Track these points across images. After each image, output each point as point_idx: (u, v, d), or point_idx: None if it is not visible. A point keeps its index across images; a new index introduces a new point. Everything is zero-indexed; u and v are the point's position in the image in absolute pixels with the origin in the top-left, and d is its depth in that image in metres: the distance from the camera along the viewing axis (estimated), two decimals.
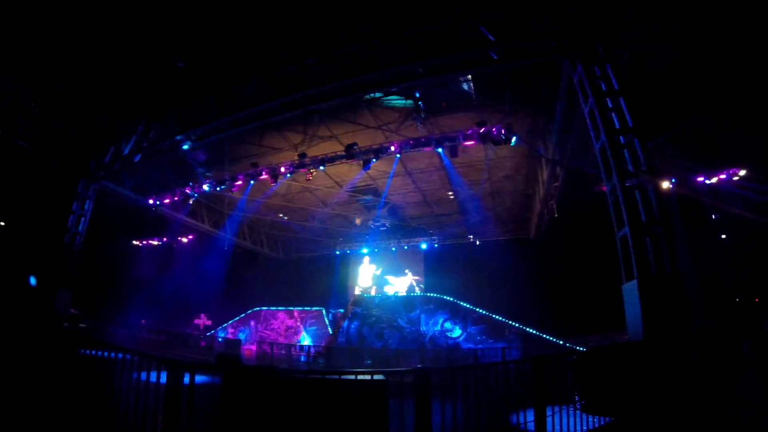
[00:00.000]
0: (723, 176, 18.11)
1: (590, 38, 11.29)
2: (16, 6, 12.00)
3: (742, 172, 17.71)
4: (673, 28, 11.28)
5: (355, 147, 17.96)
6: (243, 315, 29.89)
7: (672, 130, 15.54)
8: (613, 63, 11.09)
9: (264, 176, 20.09)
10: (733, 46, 11.38)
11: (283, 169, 19.57)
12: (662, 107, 14.15)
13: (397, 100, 16.68)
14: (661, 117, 14.58)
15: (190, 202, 23.57)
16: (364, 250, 30.70)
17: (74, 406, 5.48)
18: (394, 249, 29.46)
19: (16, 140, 16.58)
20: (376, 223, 28.00)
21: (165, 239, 29.19)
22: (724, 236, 19.93)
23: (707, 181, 18.49)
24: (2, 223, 20.46)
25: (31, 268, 17.42)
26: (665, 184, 18.34)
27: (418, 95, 15.98)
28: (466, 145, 16.87)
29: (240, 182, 20.73)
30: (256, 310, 29.96)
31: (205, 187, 21.89)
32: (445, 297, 25.46)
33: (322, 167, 19.17)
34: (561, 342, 20.34)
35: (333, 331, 27.49)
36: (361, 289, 30.77)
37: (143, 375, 5.64)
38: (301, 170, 19.55)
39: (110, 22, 12.60)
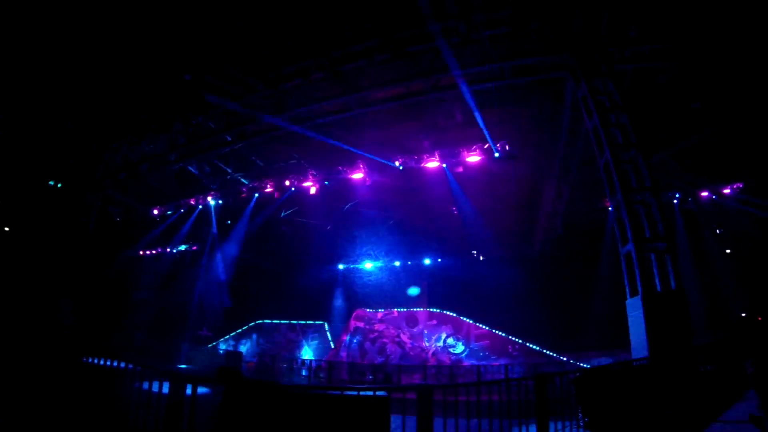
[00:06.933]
0: (726, 191, 18.09)
1: (593, 55, 11.40)
2: (27, 18, 12.24)
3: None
4: (675, 45, 11.40)
5: (360, 162, 18.07)
6: (245, 327, 29.73)
7: (675, 145, 15.57)
8: (616, 79, 11.18)
9: (269, 189, 20.18)
10: (733, 61, 11.48)
11: (287, 182, 19.66)
12: (665, 122, 14.21)
13: None
14: (663, 132, 14.63)
15: (195, 214, 23.65)
16: (368, 265, 30.61)
17: (77, 413, 5.47)
18: (397, 264, 29.36)
19: (21, 145, 16.68)
20: (380, 238, 27.96)
21: (168, 249, 29.21)
22: (728, 251, 19.79)
23: (711, 196, 18.48)
24: (6, 228, 20.47)
25: (33, 276, 17.43)
26: (669, 200, 18.35)
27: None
28: (470, 162, 16.94)
29: (244, 194, 20.82)
30: (258, 323, 29.79)
31: (210, 199, 21.98)
32: (448, 312, 25.29)
33: (327, 182, 19.25)
34: (564, 359, 20.14)
35: (335, 345, 27.28)
36: (363, 303, 30.58)
37: (145, 385, 5.64)
38: (306, 184, 19.63)
39: (118, 32, 12.81)
